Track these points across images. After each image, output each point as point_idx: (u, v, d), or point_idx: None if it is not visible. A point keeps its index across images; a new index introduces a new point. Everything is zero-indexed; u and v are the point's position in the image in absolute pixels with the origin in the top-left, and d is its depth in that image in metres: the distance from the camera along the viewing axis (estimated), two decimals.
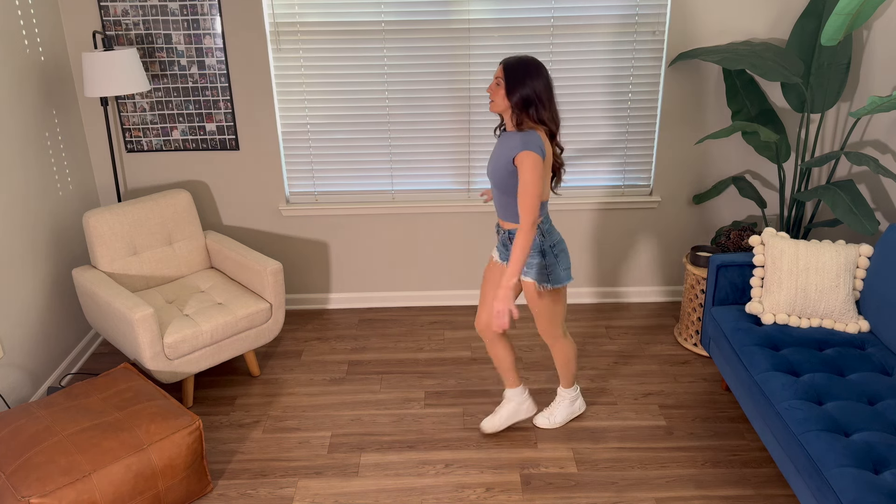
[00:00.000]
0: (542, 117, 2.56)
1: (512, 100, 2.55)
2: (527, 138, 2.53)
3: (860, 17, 2.95)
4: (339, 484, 2.83)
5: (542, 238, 2.68)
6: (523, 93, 2.53)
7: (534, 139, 2.52)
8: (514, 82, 2.53)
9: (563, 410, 3.12)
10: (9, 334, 3.11)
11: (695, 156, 3.87)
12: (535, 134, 2.54)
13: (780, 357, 2.77)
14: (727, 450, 2.98)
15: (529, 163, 2.50)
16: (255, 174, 3.88)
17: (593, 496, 2.74)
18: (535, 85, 2.53)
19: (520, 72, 2.53)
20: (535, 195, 2.52)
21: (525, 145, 2.51)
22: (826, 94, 3.42)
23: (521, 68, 2.54)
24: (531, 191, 2.52)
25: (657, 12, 3.60)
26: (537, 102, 2.54)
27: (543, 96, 2.54)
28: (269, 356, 3.71)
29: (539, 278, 2.70)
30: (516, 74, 2.53)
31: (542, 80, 2.54)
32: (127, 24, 3.57)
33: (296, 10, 3.57)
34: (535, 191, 2.51)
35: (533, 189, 2.51)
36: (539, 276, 2.70)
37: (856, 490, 2.12)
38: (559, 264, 2.71)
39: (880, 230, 3.51)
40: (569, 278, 2.76)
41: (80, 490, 2.35)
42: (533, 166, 2.50)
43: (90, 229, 3.30)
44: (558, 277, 2.71)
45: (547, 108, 2.56)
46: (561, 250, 2.72)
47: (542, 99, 2.54)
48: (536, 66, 2.55)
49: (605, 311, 4.09)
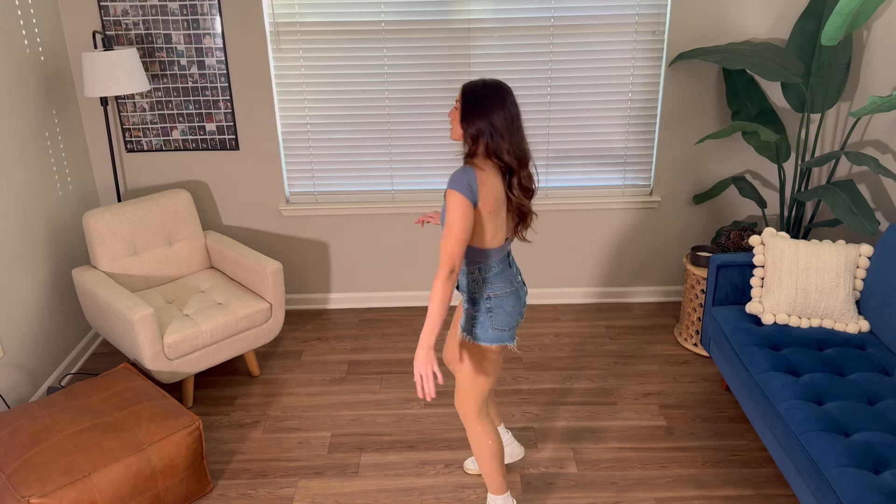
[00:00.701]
0: (499, 150, 2.16)
1: (467, 129, 2.19)
2: (458, 176, 2.14)
3: (860, 17, 2.95)
4: (339, 484, 2.83)
5: (477, 286, 2.27)
6: (479, 124, 2.16)
7: (465, 177, 2.13)
8: (471, 110, 2.17)
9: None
10: (9, 334, 3.11)
11: (695, 156, 3.87)
12: (470, 171, 2.15)
13: (780, 357, 2.77)
14: (727, 450, 2.98)
15: (452, 203, 2.12)
16: (255, 174, 3.88)
17: (593, 496, 2.74)
18: (494, 116, 2.15)
19: (479, 98, 2.17)
20: (455, 240, 2.12)
21: (452, 182, 2.14)
22: (826, 94, 3.42)
23: (481, 94, 2.17)
24: (450, 234, 2.12)
25: (657, 12, 3.60)
26: (493, 134, 2.15)
27: (501, 127, 2.15)
28: (269, 356, 3.71)
29: (464, 326, 2.31)
30: (474, 101, 2.17)
31: (505, 110, 2.16)
32: (127, 24, 3.57)
33: (296, 10, 3.57)
34: (455, 235, 2.12)
35: (452, 233, 2.12)
36: (465, 324, 2.31)
37: (856, 490, 2.12)
38: (491, 320, 2.27)
39: (880, 230, 3.51)
40: (500, 340, 2.28)
41: (80, 490, 2.35)
42: (455, 206, 2.11)
43: (90, 229, 3.30)
44: (484, 335, 2.27)
45: (507, 140, 2.16)
46: (499, 306, 2.27)
47: (499, 130, 2.15)
48: (500, 92, 2.18)
49: (605, 311, 4.09)
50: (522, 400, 3.31)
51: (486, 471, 2.46)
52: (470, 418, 2.40)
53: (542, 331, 3.89)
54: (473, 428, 2.42)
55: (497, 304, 2.27)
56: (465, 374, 2.35)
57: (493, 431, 2.42)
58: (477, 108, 2.17)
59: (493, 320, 2.28)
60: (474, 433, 2.42)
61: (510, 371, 3.53)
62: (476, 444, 2.43)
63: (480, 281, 2.27)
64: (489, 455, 2.43)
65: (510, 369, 3.54)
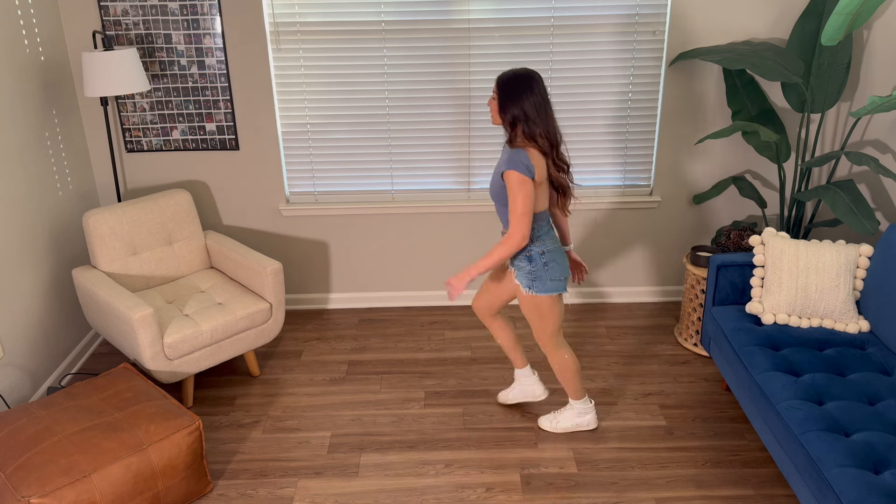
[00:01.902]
0: (534, 134, 2.54)
1: (504, 117, 2.57)
2: (513, 157, 2.53)
3: (860, 17, 2.95)
4: (339, 484, 2.83)
5: (532, 244, 2.67)
6: (513, 111, 2.53)
7: (519, 158, 2.52)
8: (505, 99, 2.54)
9: (569, 420, 3.08)
10: (9, 334, 3.11)
11: (695, 156, 3.87)
12: (522, 153, 2.53)
13: (780, 357, 2.77)
14: (727, 450, 2.98)
15: (513, 182, 2.52)
16: (255, 174, 3.88)
17: (593, 496, 2.74)
18: (525, 103, 2.51)
19: (511, 88, 2.53)
20: (522, 213, 2.54)
21: (509, 164, 2.52)
22: (826, 94, 3.42)
23: (512, 85, 2.52)
24: (517, 209, 2.54)
25: (657, 12, 3.60)
26: (526, 120, 2.53)
27: (532, 113, 2.52)
28: (269, 356, 3.71)
29: (524, 282, 2.71)
30: (507, 91, 2.53)
31: (535, 96, 2.52)
32: (127, 24, 3.57)
33: (296, 10, 3.57)
34: (523, 209, 2.53)
35: (519, 207, 2.53)
36: (525, 280, 2.71)
37: (856, 490, 2.12)
38: (547, 273, 2.69)
39: (880, 230, 3.51)
40: (557, 290, 2.72)
41: (80, 490, 2.35)
42: (518, 185, 2.51)
43: (90, 229, 3.30)
44: (544, 286, 2.70)
45: (539, 125, 2.53)
46: (553, 259, 2.69)
47: (531, 116, 2.52)
48: (529, 80, 2.52)
49: (605, 311, 4.09)
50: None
51: (569, 384, 2.99)
52: (549, 351, 2.91)
53: None
54: (553, 356, 2.92)
55: (551, 257, 2.69)
56: (535, 323, 2.82)
57: (569, 355, 2.93)
58: (510, 97, 2.53)
59: (549, 272, 2.69)
60: (555, 360, 2.93)
61: (510, 371, 3.53)
62: (559, 367, 2.94)
63: (535, 239, 2.67)
64: (570, 372, 2.95)
65: (510, 369, 3.54)
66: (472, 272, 2.65)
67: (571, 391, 3.02)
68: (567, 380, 2.97)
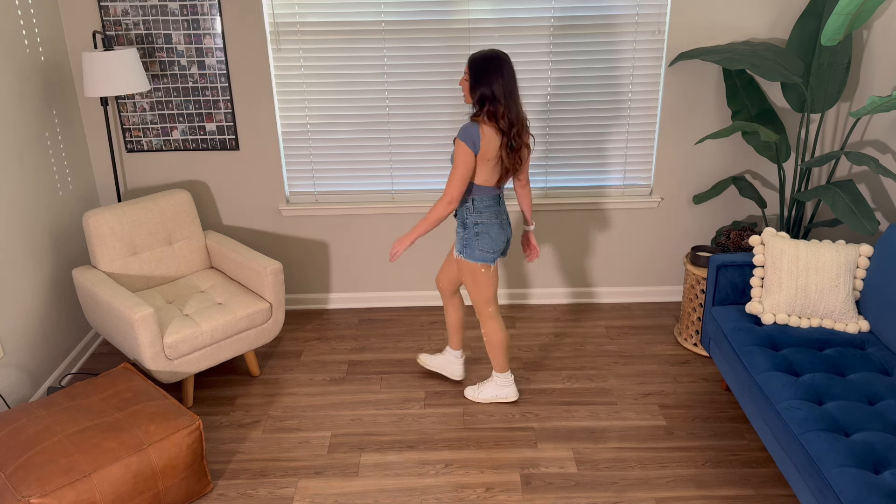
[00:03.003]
0: (497, 113, 2.70)
1: (473, 96, 2.73)
2: (466, 129, 2.72)
3: (860, 17, 2.95)
4: (339, 484, 2.83)
5: (469, 213, 2.88)
6: (482, 90, 2.69)
7: (470, 131, 2.71)
8: (475, 80, 2.70)
9: (490, 391, 3.27)
10: (9, 334, 3.11)
11: (695, 156, 3.87)
12: (475, 127, 2.71)
13: (780, 357, 2.77)
14: (727, 450, 2.98)
15: (458, 151, 2.73)
16: (255, 174, 3.88)
17: (593, 496, 2.74)
18: (494, 84, 2.67)
19: (482, 69, 2.68)
20: (456, 178, 2.75)
21: (461, 134, 2.72)
22: (826, 94, 3.42)
23: (483, 66, 2.68)
24: (454, 173, 2.76)
25: (657, 12, 3.60)
26: (493, 100, 2.69)
27: (500, 94, 2.67)
28: (269, 356, 3.71)
29: (457, 246, 2.96)
30: (478, 72, 2.69)
31: (503, 78, 2.67)
32: (127, 24, 3.57)
33: (296, 10, 3.57)
34: (458, 174, 2.75)
35: (455, 172, 2.75)
36: (458, 244, 2.95)
37: (856, 490, 2.12)
38: (476, 242, 2.89)
39: (880, 230, 3.51)
40: (483, 260, 2.92)
41: (80, 490, 2.35)
42: (461, 154, 2.72)
43: (90, 229, 3.30)
44: (472, 254, 2.91)
45: (503, 105, 2.69)
46: (485, 232, 2.88)
47: (497, 97, 2.68)
48: (498, 62, 2.67)
49: (605, 311, 4.09)
50: (522, 400, 3.31)
51: (495, 356, 3.16)
52: (482, 318, 3.08)
53: (542, 331, 3.89)
54: (485, 324, 3.09)
55: (483, 229, 2.88)
56: (470, 289, 3.02)
57: (500, 328, 3.10)
58: (480, 77, 2.68)
59: (479, 242, 2.89)
60: (486, 328, 3.09)
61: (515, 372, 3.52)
62: (488, 337, 3.11)
63: (473, 210, 2.87)
64: (498, 344, 3.12)
65: (511, 369, 3.54)
66: (412, 234, 2.86)
67: (497, 364, 3.19)
68: (494, 351, 3.15)
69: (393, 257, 2.88)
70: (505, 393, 3.26)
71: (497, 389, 3.25)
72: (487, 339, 3.13)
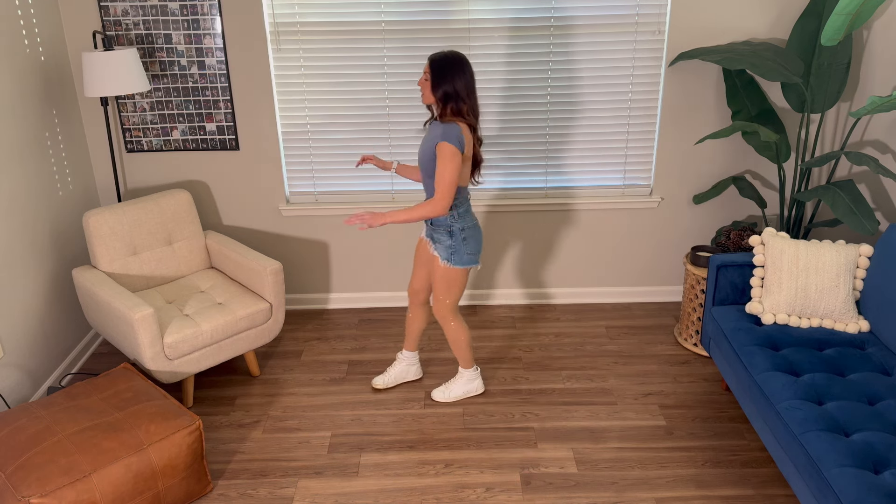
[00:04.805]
0: (461, 111, 2.76)
1: (436, 94, 2.76)
2: (448, 130, 2.74)
3: (860, 17, 2.95)
4: (339, 484, 2.83)
5: (454, 220, 2.90)
6: (445, 88, 2.73)
7: (454, 132, 2.73)
8: (438, 78, 2.74)
9: (460, 388, 3.30)
10: (9, 334, 3.11)
11: (695, 156, 3.87)
12: (456, 127, 2.74)
13: (780, 357, 2.77)
14: (727, 450, 2.98)
15: (446, 153, 2.72)
16: (255, 174, 3.88)
17: (593, 496, 2.74)
18: (457, 82, 2.73)
19: (444, 69, 2.73)
20: (449, 182, 2.74)
21: (444, 136, 2.73)
22: (826, 94, 3.42)
23: (445, 65, 2.73)
24: (446, 177, 2.74)
25: (657, 12, 3.60)
26: (457, 98, 2.74)
27: (463, 92, 2.74)
28: (269, 356, 3.71)
29: (443, 255, 2.95)
30: (441, 71, 2.73)
31: (465, 76, 2.74)
32: (127, 24, 3.57)
33: (296, 10, 3.57)
34: (450, 178, 2.74)
35: (447, 176, 2.74)
36: (444, 253, 2.95)
37: (856, 490, 2.12)
38: (465, 247, 2.94)
39: (880, 230, 3.51)
40: (472, 263, 2.98)
41: (80, 490, 2.35)
42: (450, 157, 2.72)
43: (90, 229, 3.30)
44: (461, 259, 2.95)
45: (466, 103, 2.76)
46: (471, 235, 2.94)
47: (461, 95, 2.74)
48: (460, 62, 2.74)
49: (605, 311, 4.09)
50: (522, 400, 3.31)
51: (461, 353, 3.22)
52: (447, 320, 3.11)
53: (542, 331, 3.89)
54: (448, 324, 3.13)
55: (470, 233, 2.94)
56: (441, 292, 3.03)
57: (463, 325, 3.16)
58: (444, 76, 2.73)
59: (466, 246, 2.94)
60: (450, 328, 3.14)
61: (510, 371, 3.53)
62: (453, 337, 3.16)
63: (457, 217, 2.90)
64: (462, 341, 3.18)
65: (510, 369, 3.54)
66: (389, 217, 2.79)
67: (462, 360, 3.25)
68: (459, 349, 3.20)
69: (354, 220, 2.77)
70: (474, 387, 3.31)
71: (466, 384, 3.30)
72: (454, 337, 3.16)
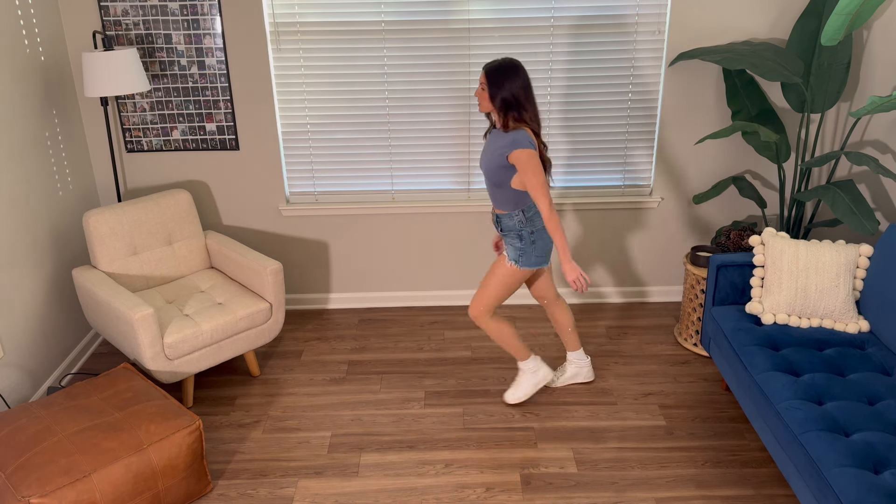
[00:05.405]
0: (524, 118, 2.78)
1: (495, 103, 2.77)
2: (517, 137, 2.75)
3: (860, 17, 2.95)
4: (339, 484, 2.83)
5: (523, 224, 2.92)
6: (504, 96, 2.75)
7: (523, 137, 2.75)
8: (495, 87, 2.75)
9: (528, 383, 3.24)
10: (9, 334, 3.11)
11: (695, 156, 3.87)
12: (523, 132, 2.76)
13: (780, 357, 2.77)
14: (727, 450, 2.98)
15: (523, 159, 2.74)
16: (255, 174, 3.88)
17: (593, 496, 2.74)
18: (514, 88, 2.74)
19: (499, 76, 2.74)
20: (540, 184, 2.76)
21: (516, 144, 2.74)
22: (826, 94, 3.42)
23: (500, 72, 2.74)
24: (536, 181, 2.75)
25: (657, 12, 3.60)
26: (517, 104, 2.76)
27: (522, 98, 2.76)
28: (269, 356, 3.71)
29: (511, 255, 2.96)
30: (497, 79, 2.75)
31: (521, 81, 2.75)
32: (127, 24, 3.57)
33: (296, 10, 3.57)
34: (538, 180, 2.75)
35: (537, 180, 2.75)
36: (513, 254, 2.96)
37: (856, 490, 2.12)
38: (534, 251, 2.94)
39: (880, 230, 3.51)
40: (539, 264, 2.98)
41: (80, 490, 2.35)
42: (528, 160, 2.74)
43: (90, 229, 3.30)
44: (528, 261, 2.96)
45: (528, 109, 2.78)
46: (540, 238, 2.94)
47: (520, 101, 2.76)
48: (514, 68, 2.75)
49: (606, 311, 4.09)
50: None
51: (511, 347, 3.14)
52: (482, 319, 3.06)
53: (542, 331, 3.89)
54: (488, 324, 3.08)
55: (539, 236, 2.94)
56: (492, 288, 3.00)
57: (502, 321, 3.10)
58: (501, 83, 2.74)
59: (535, 249, 2.95)
60: (489, 328, 3.08)
61: (511, 371, 3.53)
62: (496, 334, 3.10)
63: (525, 220, 2.91)
64: (507, 335, 3.12)
65: (511, 369, 3.54)
66: (563, 256, 2.83)
67: (516, 354, 3.18)
68: (506, 343, 3.14)
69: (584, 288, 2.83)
70: (541, 377, 3.25)
71: (532, 378, 3.23)
72: (497, 335, 3.10)
